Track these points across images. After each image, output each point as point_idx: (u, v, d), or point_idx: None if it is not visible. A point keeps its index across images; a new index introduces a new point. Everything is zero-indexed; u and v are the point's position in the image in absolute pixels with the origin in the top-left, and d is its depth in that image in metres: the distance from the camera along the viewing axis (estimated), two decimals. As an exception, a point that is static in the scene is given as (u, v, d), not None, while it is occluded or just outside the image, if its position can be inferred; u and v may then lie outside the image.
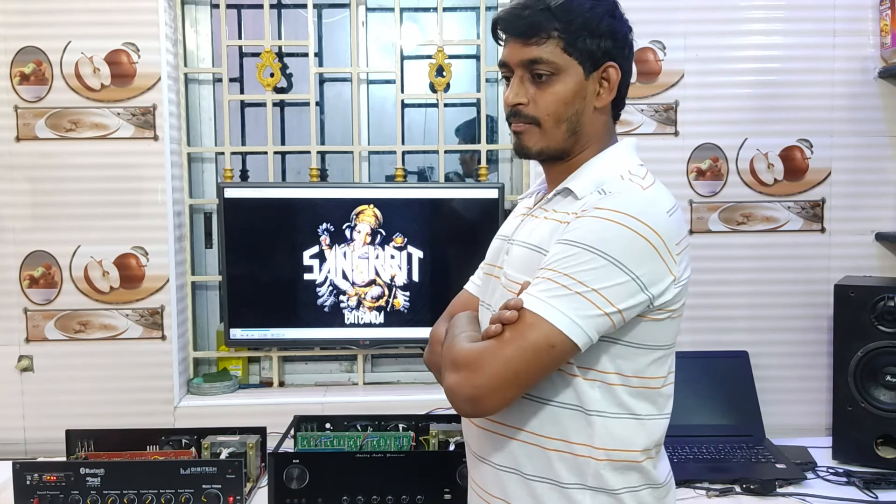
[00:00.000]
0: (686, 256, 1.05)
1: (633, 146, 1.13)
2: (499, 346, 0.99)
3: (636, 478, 1.06)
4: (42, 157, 1.95)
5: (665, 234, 0.99)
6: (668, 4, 2.00)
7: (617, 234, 0.98)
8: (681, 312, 1.07)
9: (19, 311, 1.97)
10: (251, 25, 2.22)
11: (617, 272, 0.97)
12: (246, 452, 1.70)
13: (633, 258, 0.97)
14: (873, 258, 2.04)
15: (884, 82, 2.01)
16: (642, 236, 0.98)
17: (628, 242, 0.97)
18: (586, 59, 1.06)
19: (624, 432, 1.04)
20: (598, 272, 0.97)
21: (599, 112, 1.10)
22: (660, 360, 1.06)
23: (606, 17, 1.07)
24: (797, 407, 2.05)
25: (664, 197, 1.05)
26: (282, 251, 2.01)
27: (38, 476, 1.54)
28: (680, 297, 1.04)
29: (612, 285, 0.97)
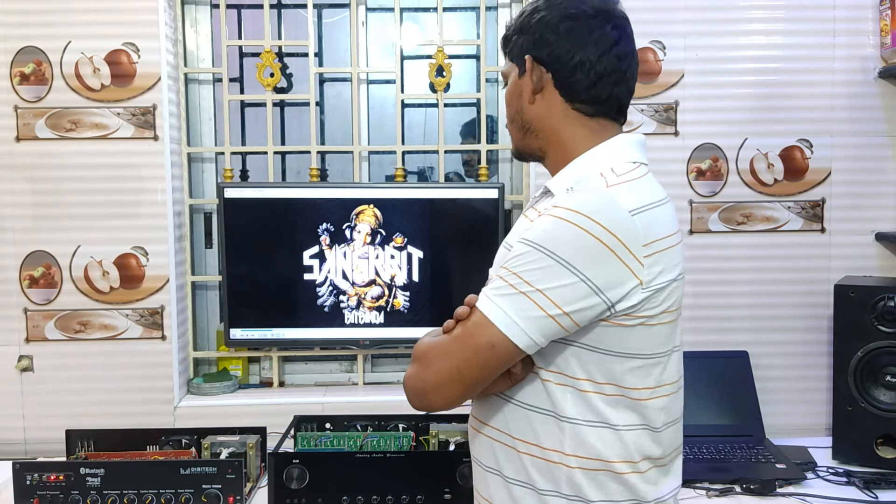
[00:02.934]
0: (664, 259, 0.98)
1: (630, 142, 1.08)
2: (445, 343, 1.01)
3: (618, 491, 1.01)
4: (42, 157, 1.95)
5: (624, 234, 0.95)
6: (668, 4, 2.00)
7: (568, 233, 0.95)
8: (663, 320, 1.00)
9: (19, 311, 1.97)
10: (251, 25, 2.22)
11: (564, 273, 0.94)
12: (246, 452, 1.70)
13: (584, 259, 0.94)
14: (873, 258, 2.04)
15: (884, 82, 2.01)
16: (594, 236, 0.94)
17: (578, 242, 0.94)
18: (518, 59, 1.10)
19: (596, 441, 1.00)
20: (544, 272, 0.95)
21: (543, 105, 1.08)
22: (640, 369, 1.01)
23: (535, 13, 1.08)
24: (797, 407, 2.05)
25: (631, 196, 0.98)
26: (282, 251, 2.01)
27: (39, 476, 1.54)
28: (653, 302, 0.98)
29: (558, 286, 0.94)
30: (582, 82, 1.06)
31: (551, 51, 1.06)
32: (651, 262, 0.96)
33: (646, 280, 0.96)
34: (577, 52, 1.05)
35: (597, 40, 1.05)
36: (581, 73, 1.05)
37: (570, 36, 1.05)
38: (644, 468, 1.03)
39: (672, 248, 1.00)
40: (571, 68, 1.05)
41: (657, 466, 1.05)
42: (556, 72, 1.06)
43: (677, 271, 1.01)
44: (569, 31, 1.05)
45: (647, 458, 1.03)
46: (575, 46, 1.05)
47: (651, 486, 1.03)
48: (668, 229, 1.00)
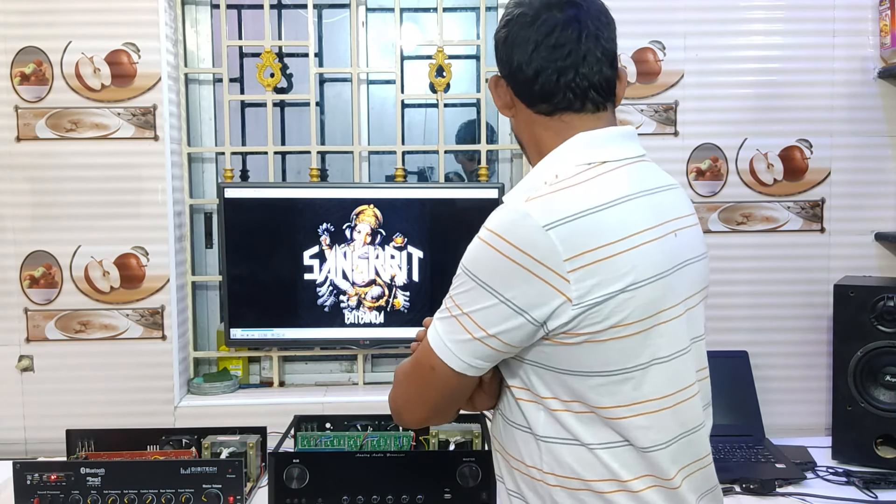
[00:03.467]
0: (601, 270, 0.90)
1: (585, 141, 1.00)
2: (405, 365, 1.07)
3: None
4: (42, 157, 1.95)
5: (537, 251, 0.89)
6: (668, 4, 2.00)
7: (484, 254, 0.93)
8: (618, 334, 0.92)
9: (19, 311, 1.97)
10: (251, 25, 2.22)
11: (485, 295, 0.93)
12: (246, 452, 1.70)
13: (501, 280, 0.92)
14: (873, 258, 2.04)
15: (883, 82, 2.02)
16: (507, 256, 0.91)
17: (493, 263, 0.92)
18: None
19: (572, 460, 0.97)
20: (469, 294, 0.95)
21: (518, 117, 1.07)
22: (603, 387, 0.94)
23: (497, 30, 1.06)
24: (797, 407, 2.05)
25: (552, 208, 0.91)
26: (282, 251, 2.01)
27: (39, 476, 1.54)
28: (592, 318, 0.91)
29: (481, 308, 0.94)
30: (526, 83, 1.02)
31: (501, 63, 1.05)
32: (578, 276, 0.89)
33: (575, 296, 0.90)
34: (514, 56, 1.02)
35: (526, 38, 1.00)
36: (521, 74, 1.01)
37: (507, 41, 1.03)
38: (638, 487, 0.97)
39: (620, 256, 0.91)
40: (514, 73, 1.03)
41: (661, 487, 0.99)
42: (509, 81, 1.04)
43: (630, 279, 0.91)
44: (505, 38, 1.03)
45: (643, 476, 0.97)
46: (511, 51, 1.02)
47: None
48: (612, 235, 0.91)
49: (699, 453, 1.04)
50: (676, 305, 0.98)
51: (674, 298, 0.97)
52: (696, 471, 1.03)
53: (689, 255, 1.02)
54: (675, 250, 0.99)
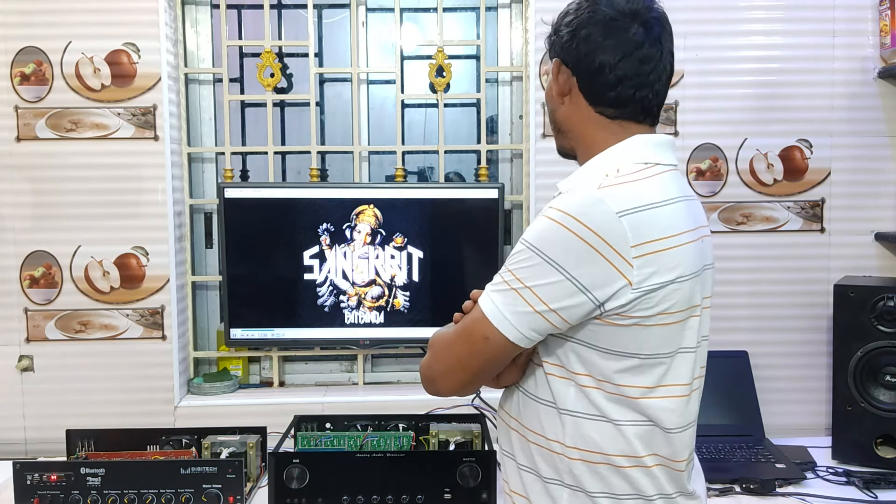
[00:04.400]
0: (658, 260, 0.97)
1: (644, 142, 1.07)
2: (450, 334, 1.07)
3: (621, 485, 1.03)
4: (42, 157, 1.95)
5: (609, 235, 0.95)
6: (668, 4, 1.98)
7: (556, 233, 0.97)
8: (663, 321, 1.00)
9: (20, 311, 1.97)
10: (251, 25, 2.22)
11: (552, 271, 0.97)
12: (246, 452, 1.70)
13: (570, 258, 0.96)
14: (873, 258, 2.04)
15: (883, 82, 2.02)
16: (580, 237, 0.96)
17: (565, 242, 0.96)
18: (553, 57, 1.12)
19: (596, 434, 1.03)
20: (533, 270, 0.98)
21: (570, 107, 1.10)
22: (634, 368, 1.01)
23: (567, 15, 1.09)
24: (797, 407, 2.05)
25: (622, 197, 0.98)
26: (282, 251, 2.01)
27: (39, 476, 1.54)
28: (646, 303, 0.98)
29: (545, 284, 0.98)
30: (603, 86, 1.06)
31: (575, 54, 1.07)
32: (641, 263, 0.96)
33: (635, 281, 0.96)
34: (597, 56, 1.05)
35: (617, 44, 1.04)
36: (601, 76, 1.06)
37: (591, 39, 1.05)
38: (650, 463, 1.04)
39: (673, 250, 0.99)
40: (592, 72, 1.06)
41: (667, 467, 1.05)
42: (580, 75, 1.08)
43: (678, 272, 0.99)
44: (589, 35, 1.05)
45: (654, 454, 1.04)
46: (595, 50, 1.05)
47: (653, 480, 1.05)
48: (668, 230, 0.99)
49: (694, 443, 1.12)
50: (700, 304, 1.06)
51: (698, 297, 1.05)
52: (692, 458, 1.12)
53: (707, 262, 1.10)
54: (702, 254, 1.07)
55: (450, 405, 1.95)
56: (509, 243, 2.13)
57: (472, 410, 1.95)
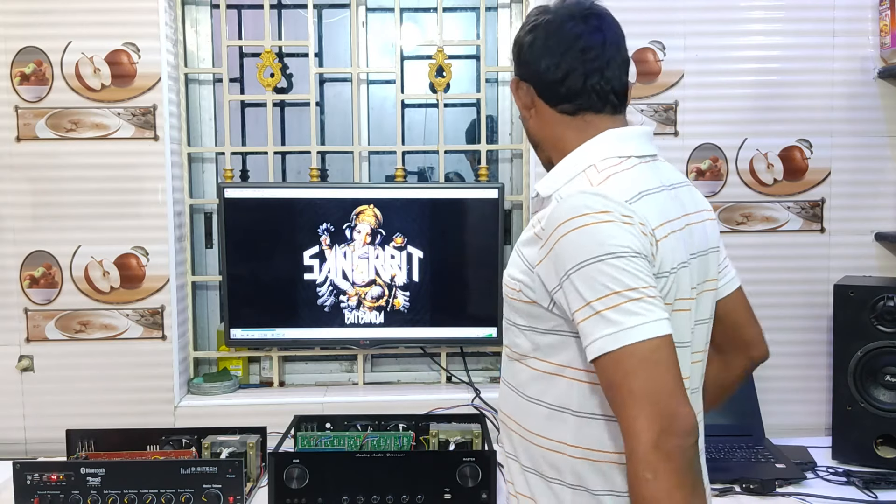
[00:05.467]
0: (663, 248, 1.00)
1: (614, 137, 1.08)
2: (628, 407, 0.94)
3: (622, 482, 1.01)
4: (42, 157, 1.95)
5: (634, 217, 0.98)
6: (668, 4, 2.00)
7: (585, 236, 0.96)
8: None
9: (20, 311, 1.97)
10: (251, 25, 2.22)
11: (612, 262, 0.96)
12: (246, 452, 1.70)
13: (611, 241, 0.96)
14: (873, 258, 2.04)
15: (883, 82, 2.02)
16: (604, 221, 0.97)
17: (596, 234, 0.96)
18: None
19: (598, 432, 1.02)
20: (604, 276, 0.94)
21: (537, 118, 1.14)
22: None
23: (520, 36, 1.14)
24: (797, 407, 2.05)
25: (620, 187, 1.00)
26: (282, 251, 2.01)
27: (39, 476, 1.54)
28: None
29: (619, 275, 0.94)
30: (554, 85, 1.10)
31: (527, 65, 1.12)
32: (661, 245, 0.99)
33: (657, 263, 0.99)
34: (542, 59, 1.10)
35: (556, 42, 1.09)
36: (549, 75, 1.10)
37: (534, 45, 1.11)
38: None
39: (669, 236, 1.01)
40: (540, 74, 1.10)
41: None
42: (535, 82, 1.12)
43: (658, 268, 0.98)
44: (532, 42, 1.11)
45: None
46: (540, 54, 1.10)
47: None
48: (662, 218, 1.01)
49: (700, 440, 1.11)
50: (686, 297, 1.05)
51: (686, 290, 1.04)
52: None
53: (701, 247, 1.11)
54: (690, 242, 1.07)
55: (450, 405, 1.95)
56: (509, 243, 2.13)
57: (472, 410, 1.95)
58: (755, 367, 1.27)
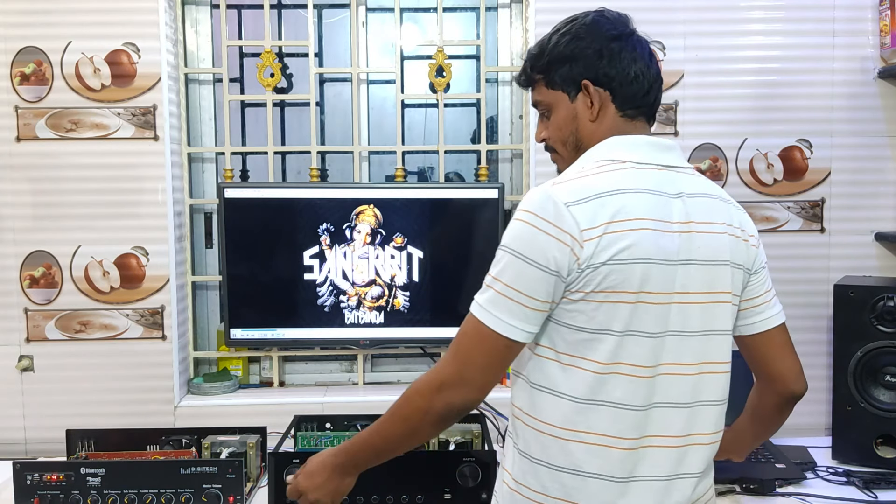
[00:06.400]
0: (602, 242, 1.04)
1: (613, 143, 1.14)
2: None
3: (560, 457, 1.08)
4: (42, 157, 1.95)
5: (563, 223, 1.05)
6: (668, 4, 2.00)
7: (519, 229, 1.08)
8: (606, 299, 1.06)
9: (20, 311, 1.98)
10: (251, 25, 2.22)
11: (519, 261, 1.08)
12: (246, 452, 1.70)
13: (532, 247, 1.07)
14: (873, 258, 2.04)
15: (883, 82, 2.02)
16: (536, 227, 1.06)
17: (528, 234, 1.07)
18: (567, 86, 1.18)
19: (543, 404, 1.09)
20: (507, 265, 1.10)
21: (598, 122, 1.17)
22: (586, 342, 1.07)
23: (567, 42, 1.17)
24: (797, 406, 2.03)
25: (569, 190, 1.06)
26: (282, 251, 2.01)
27: (39, 476, 1.54)
28: (589, 279, 1.05)
29: (518, 275, 1.08)
30: (636, 92, 1.17)
31: (609, 66, 1.15)
32: (590, 244, 1.04)
33: (583, 259, 1.04)
34: (631, 68, 1.15)
35: (641, 54, 1.17)
36: (637, 84, 1.16)
37: (622, 54, 1.15)
38: (592, 441, 1.08)
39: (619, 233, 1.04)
40: (630, 82, 1.15)
41: (610, 447, 1.09)
42: (614, 88, 1.16)
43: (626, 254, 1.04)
44: (620, 51, 1.15)
45: (593, 432, 1.08)
46: (628, 63, 1.15)
47: (593, 457, 1.09)
48: (619, 215, 1.05)
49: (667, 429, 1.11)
50: (671, 293, 1.08)
51: (666, 286, 1.08)
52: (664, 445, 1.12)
53: (701, 257, 1.11)
54: (681, 247, 1.09)
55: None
56: (509, 243, 2.13)
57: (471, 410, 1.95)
58: (788, 403, 1.28)
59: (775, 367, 1.27)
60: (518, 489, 1.12)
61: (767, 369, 1.27)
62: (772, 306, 1.27)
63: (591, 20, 1.17)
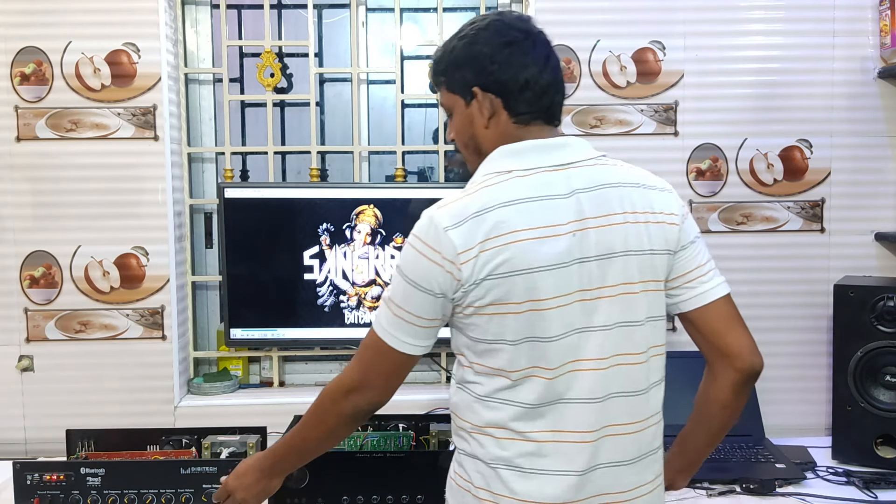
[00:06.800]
0: (483, 258, 1.07)
1: (499, 154, 1.15)
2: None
3: (478, 449, 1.14)
4: (42, 157, 1.95)
5: (442, 247, 1.08)
6: (668, 4, 2.00)
7: (408, 253, 1.14)
8: (498, 311, 1.09)
9: (20, 311, 1.97)
10: (251, 25, 2.22)
11: (407, 285, 1.14)
12: (246, 452, 1.70)
13: (418, 271, 1.12)
14: (873, 258, 2.04)
15: (883, 82, 2.02)
16: (420, 252, 1.11)
17: (414, 259, 1.12)
18: (463, 91, 1.19)
19: (463, 402, 1.16)
20: (399, 287, 1.16)
21: (491, 128, 1.18)
22: (486, 352, 1.12)
23: (462, 47, 1.17)
24: (797, 407, 2.05)
25: (449, 214, 1.09)
26: (282, 251, 2.01)
27: (39, 476, 1.54)
28: (476, 295, 1.08)
29: (407, 296, 1.14)
30: (529, 98, 1.15)
31: (497, 77, 1.15)
32: (469, 264, 1.07)
33: (464, 279, 1.08)
34: (522, 73, 1.14)
35: (535, 59, 1.15)
36: (528, 90, 1.15)
37: (513, 60, 1.14)
38: (501, 436, 1.13)
39: (500, 248, 1.06)
40: (521, 88, 1.15)
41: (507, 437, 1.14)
42: (505, 94, 1.15)
43: (508, 267, 1.07)
44: (511, 57, 1.14)
45: (502, 427, 1.13)
46: (519, 69, 1.14)
47: (492, 450, 1.15)
48: (496, 231, 1.07)
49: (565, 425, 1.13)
50: (570, 294, 1.09)
51: (562, 289, 1.09)
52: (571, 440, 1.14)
53: (600, 252, 1.11)
54: (573, 247, 1.09)
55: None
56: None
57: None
58: (747, 380, 1.23)
59: (727, 341, 1.22)
60: (454, 477, 1.19)
61: (719, 343, 1.22)
62: (709, 279, 1.22)
63: (487, 24, 1.17)
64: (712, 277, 1.22)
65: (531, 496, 1.11)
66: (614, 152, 2.05)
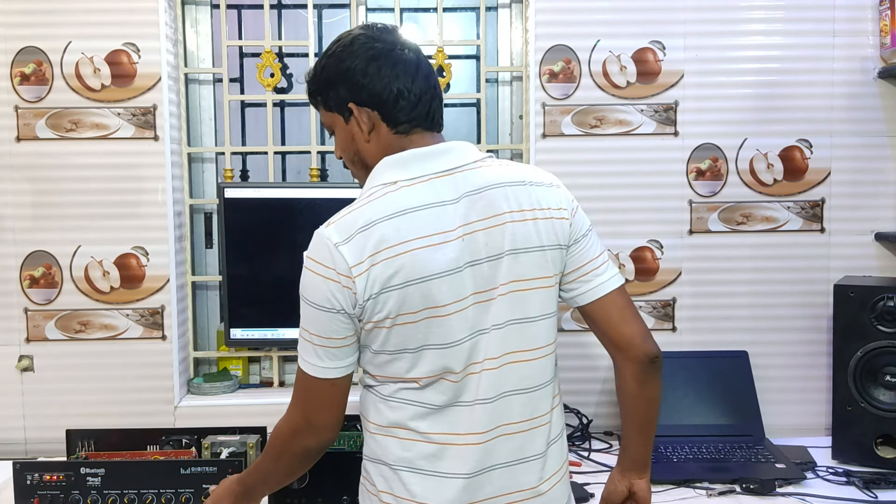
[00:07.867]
0: (374, 272, 1.08)
1: (383, 166, 1.16)
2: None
3: (377, 448, 1.17)
4: (42, 157, 1.95)
5: (335, 264, 1.09)
6: (668, 4, 2.00)
7: (305, 276, 1.15)
8: (396, 322, 1.10)
9: (20, 311, 1.98)
10: (251, 25, 2.22)
11: (310, 308, 1.15)
12: (246, 452, 1.70)
13: (315, 292, 1.13)
14: (873, 258, 2.04)
15: (883, 82, 2.02)
16: (315, 272, 1.12)
17: (310, 280, 1.14)
18: (339, 109, 1.20)
19: (367, 401, 1.20)
20: (304, 313, 1.18)
21: (373, 142, 1.18)
22: (387, 363, 1.14)
23: (332, 66, 1.18)
24: (797, 407, 2.05)
25: (337, 231, 1.10)
26: (282, 251, 2.01)
27: (39, 476, 1.54)
28: (373, 309, 1.10)
29: (312, 319, 1.16)
30: (405, 107, 1.16)
31: (369, 90, 1.16)
32: (362, 278, 1.08)
33: (359, 292, 1.09)
34: (393, 84, 1.15)
35: (404, 69, 1.16)
36: (403, 100, 1.16)
37: (382, 72, 1.15)
38: (404, 437, 1.16)
39: (388, 260, 1.08)
40: (395, 99, 1.16)
41: (410, 437, 1.17)
42: (380, 106, 1.16)
43: (399, 279, 1.08)
44: (379, 70, 1.15)
45: (402, 427, 1.16)
46: (390, 80, 1.15)
47: (396, 451, 1.17)
48: (383, 244, 1.08)
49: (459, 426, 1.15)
50: (465, 298, 1.11)
51: (457, 294, 1.10)
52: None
53: (489, 254, 1.12)
54: (463, 251, 1.11)
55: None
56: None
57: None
58: (646, 368, 1.22)
59: (619, 332, 1.22)
60: (362, 482, 1.23)
61: (612, 335, 1.23)
62: (601, 273, 1.23)
63: (351, 41, 1.17)
64: (606, 270, 1.23)
65: (428, 499, 1.13)
66: (614, 152, 2.07)
